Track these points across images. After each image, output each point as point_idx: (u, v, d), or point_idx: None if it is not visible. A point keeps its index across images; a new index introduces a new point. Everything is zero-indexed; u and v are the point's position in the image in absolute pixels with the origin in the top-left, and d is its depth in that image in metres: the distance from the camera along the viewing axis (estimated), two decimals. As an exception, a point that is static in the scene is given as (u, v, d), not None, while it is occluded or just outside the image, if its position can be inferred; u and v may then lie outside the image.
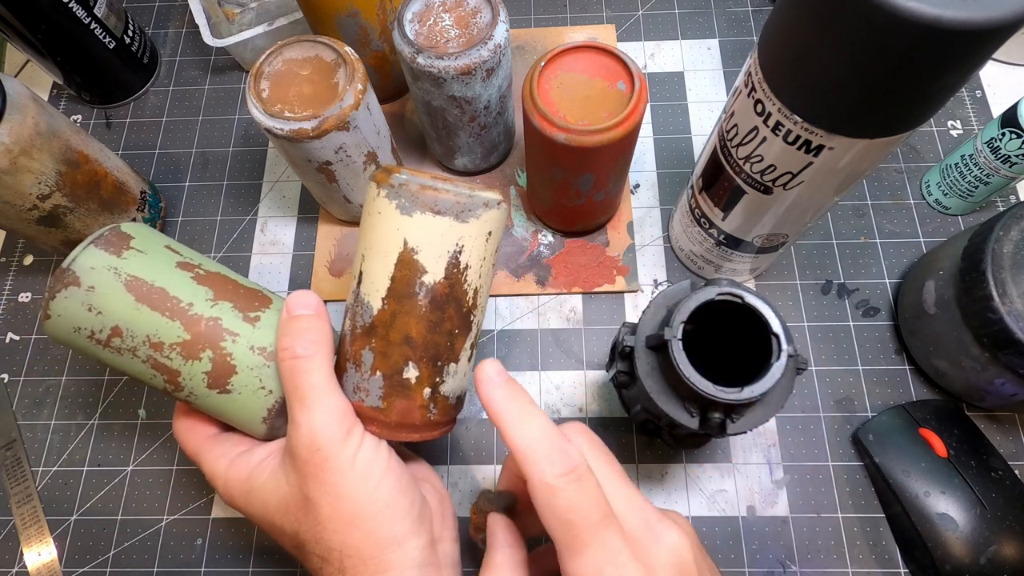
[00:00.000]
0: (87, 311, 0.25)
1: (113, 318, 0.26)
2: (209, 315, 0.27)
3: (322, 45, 0.34)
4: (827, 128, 0.24)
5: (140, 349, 0.26)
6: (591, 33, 0.49)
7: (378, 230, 0.26)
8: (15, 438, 0.40)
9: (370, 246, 0.26)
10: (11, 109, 0.33)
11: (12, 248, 0.45)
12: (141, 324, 0.26)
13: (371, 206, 0.26)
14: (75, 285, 0.25)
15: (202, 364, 0.26)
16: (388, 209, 0.26)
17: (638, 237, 0.43)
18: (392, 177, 0.26)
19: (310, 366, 0.26)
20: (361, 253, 0.27)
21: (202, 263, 0.29)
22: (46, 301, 0.25)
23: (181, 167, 0.47)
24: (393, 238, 0.26)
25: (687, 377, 0.25)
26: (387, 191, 0.26)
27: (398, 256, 0.26)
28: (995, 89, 0.45)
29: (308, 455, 0.25)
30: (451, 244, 0.26)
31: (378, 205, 0.26)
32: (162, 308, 0.26)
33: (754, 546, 0.35)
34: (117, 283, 0.26)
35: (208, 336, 0.27)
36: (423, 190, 0.25)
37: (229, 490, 0.27)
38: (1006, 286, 0.30)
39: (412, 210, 0.25)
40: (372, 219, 0.26)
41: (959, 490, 0.32)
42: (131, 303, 0.26)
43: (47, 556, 0.37)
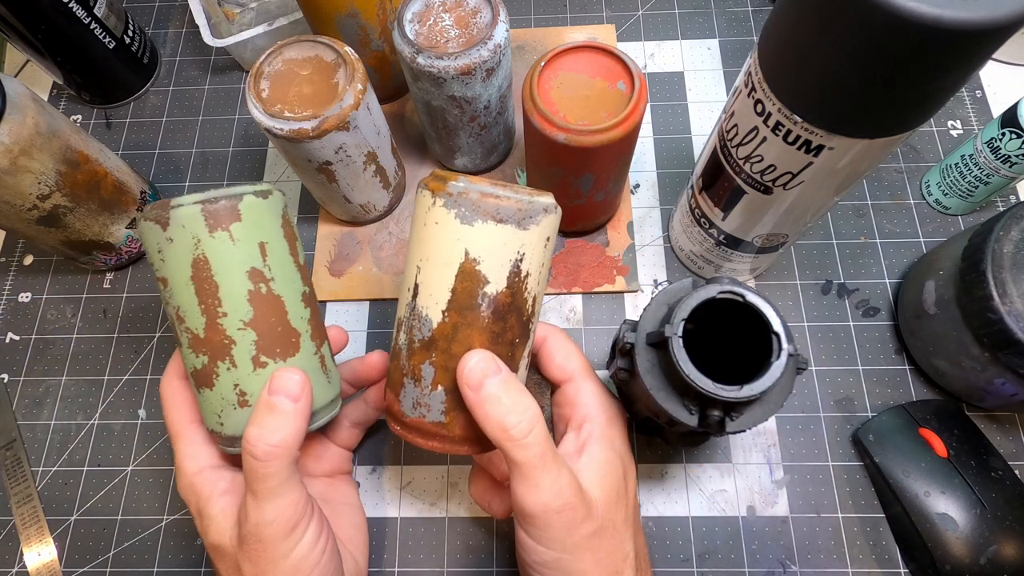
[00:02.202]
0: (156, 250, 0.25)
1: (167, 272, 0.25)
2: (230, 335, 0.25)
3: (322, 45, 0.34)
4: (827, 128, 0.24)
5: (170, 306, 0.26)
6: (591, 33, 0.49)
7: (436, 241, 0.25)
8: (15, 438, 0.40)
9: (427, 257, 0.25)
10: (11, 109, 0.33)
11: (12, 248, 0.45)
12: (180, 295, 0.25)
13: (425, 216, 0.25)
14: (160, 225, 0.25)
15: (197, 360, 0.26)
16: (446, 219, 0.24)
17: (638, 237, 0.43)
18: (448, 185, 0.24)
19: (267, 470, 0.24)
20: (416, 264, 0.26)
21: (275, 278, 0.26)
22: (144, 214, 0.26)
23: (181, 167, 0.47)
24: (453, 249, 0.24)
25: (687, 374, 0.25)
26: (444, 200, 0.24)
27: (459, 267, 0.24)
28: (995, 89, 0.45)
29: (250, 541, 0.24)
30: (513, 252, 0.25)
31: (434, 215, 0.25)
32: (202, 299, 0.25)
33: (754, 546, 0.35)
34: (187, 253, 0.25)
35: (215, 348, 0.26)
36: (484, 198, 0.24)
37: (185, 493, 0.27)
38: (1006, 286, 0.30)
39: (473, 219, 0.24)
40: (428, 230, 0.25)
41: (959, 490, 0.32)
42: (185, 276, 0.25)
43: (47, 556, 0.37)
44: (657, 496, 0.37)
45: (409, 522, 0.37)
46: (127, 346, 0.42)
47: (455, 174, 0.25)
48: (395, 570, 0.36)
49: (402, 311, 0.27)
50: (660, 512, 0.36)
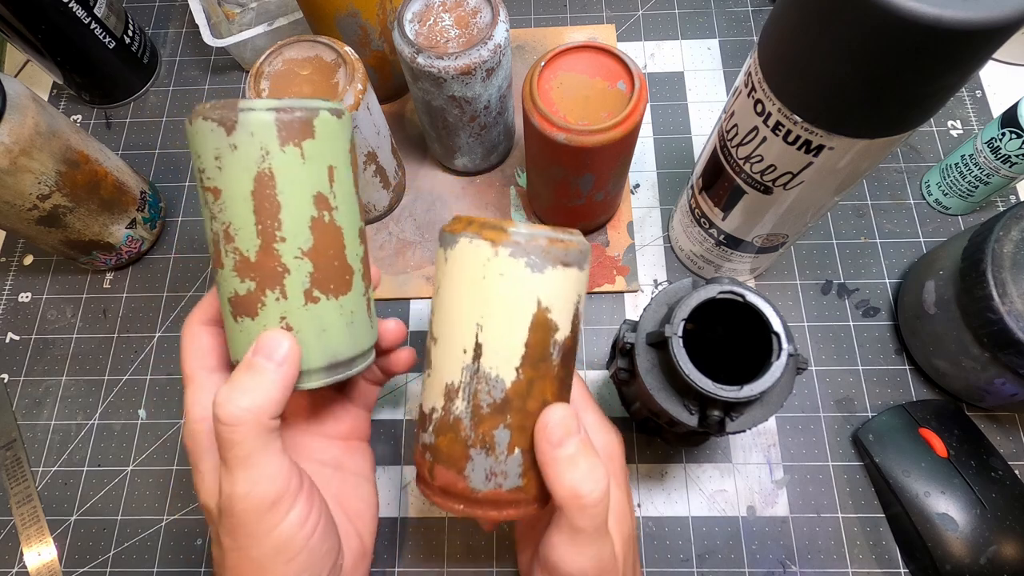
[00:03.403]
0: (213, 156, 0.22)
1: (222, 183, 0.23)
2: (285, 262, 0.23)
3: (322, 45, 0.34)
4: (827, 128, 0.24)
5: (216, 221, 0.23)
6: (591, 33, 0.49)
7: (503, 293, 0.22)
8: (15, 438, 0.40)
9: (491, 313, 0.22)
10: (11, 109, 0.33)
11: (12, 248, 0.45)
12: (235, 210, 0.23)
13: (485, 268, 0.22)
14: (224, 128, 0.22)
15: (241, 285, 0.23)
16: (515, 269, 0.22)
17: (638, 237, 0.43)
18: (512, 233, 0.22)
19: (234, 436, 0.22)
20: (473, 323, 0.23)
21: (338, 207, 0.24)
22: (203, 111, 0.22)
23: (181, 167, 0.47)
24: (525, 300, 0.22)
25: (687, 374, 0.25)
26: (511, 250, 0.22)
27: (533, 319, 0.23)
28: (995, 89, 0.45)
29: (225, 514, 0.23)
30: (575, 295, 0.24)
31: (499, 266, 0.22)
32: (260, 218, 0.23)
33: (754, 546, 0.35)
34: (253, 164, 0.22)
35: (265, 275, 0.23)
36: (552, 244, 0.22)
37: (187, 441, 0.25)
38: (1006, 286, 0.30)
39: (544, 266, 0.22)
40: (491, 283, 0.22)
41: (959, 490, 0.32)
42: (245, 190, 0.22)
43: (47, 556, 0.37)
44: (657, 496, 0.37)
45: (409, 522, 0.37)
46: (127, 346, 0.42)
47: (506, 221, 0.23)
48: (395, 570, 0.36)
49: (455, 376, 0.23)
50: (660, 512, 0.36)
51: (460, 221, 0.24)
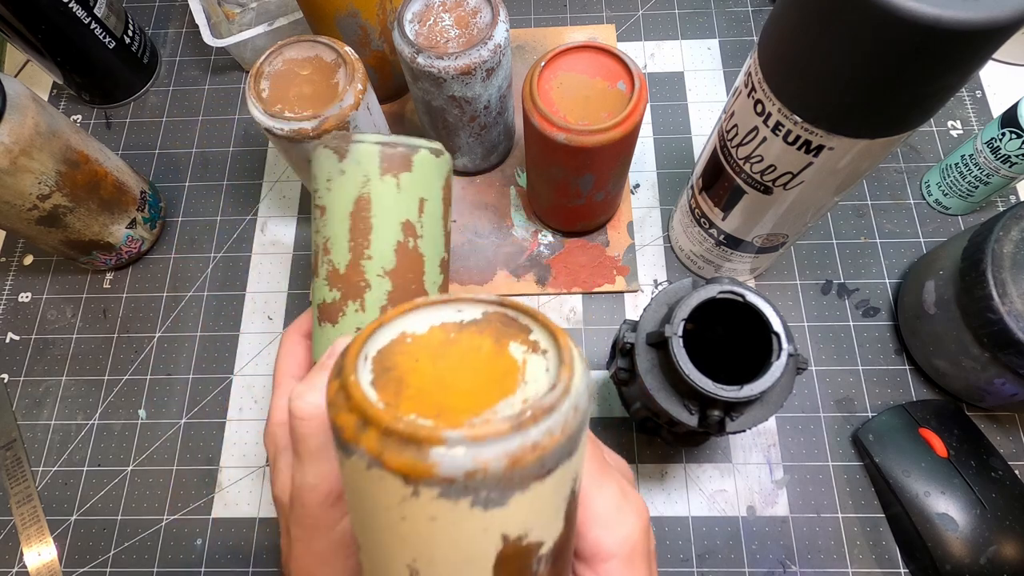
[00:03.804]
0: (325, 178, 0.25)
1: (329, 202, 0.25)
2: (368, 278, 0.25)
3: (322, 45, 0.34)
4: (827, 128, 0.24)
5: (320, 235, 0.26)
6: (591, 33, 0.49)
7: (441, 539, 0.15)
8: (15, 438, 0.40)
9: (431, 559, 0.15)
10: (11, 109, 0.33)
11: (12, 248, 0.45)
12: (335, 227, 0.25)
13: (400, 509, 0.14)
14: (338, 155, 0.25)
15: (329, 294, 0.26)
16: (451, 511, 0.14)
17: (638, 237, 0.43)
18: (435, 463, 0.13)
19: (307, 429, 0.23)
20: (405, 565, 0.15)
21: (423, 236, 0.26)
22: (324, 141, 0.25)
23: (181, 167, 0.47)
24: (480, 543, 0.15)
25: (687, 374, 0.25)
26: (439, 489, 0.13)
27: (497, 557, 0.15)
28: (995, 89, 0.45)
29: (295, 504, 0.23)
30: (568, 488, 0.17)
31: (424, 509, 0.14)
32: (353, 236, 0.25)
33: (754, 546, 0.35)
34: (355, 188, 0.25)
35: (350, 287, 0.25)
36: (516, 463, 0.13)
37: (266, 441, 0.26)
38: (1006, 286, 0.30)
39: (508, 495, 0.14)
40: (417, 527, 0.14)
41: (959, 490, 0.32)
42: (346, 210, 0.25)
43: (47, 556, 0.37)
44: (657, 496, 0.37)
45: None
46: (127, 346, 0.42)
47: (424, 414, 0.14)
48: None
49: None
50: (660, 512, 0.36)
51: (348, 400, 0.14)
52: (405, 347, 0.16)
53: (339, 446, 0.15)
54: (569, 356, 0.15)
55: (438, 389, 0.15)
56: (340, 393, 0.14)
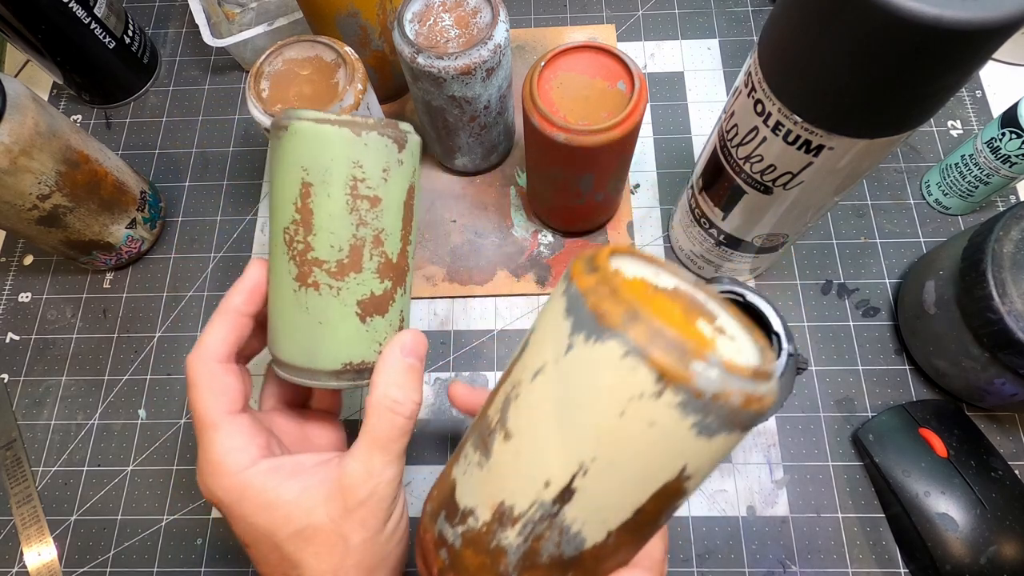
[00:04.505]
0: (381, 168, 0.24)
1: (384, 192, 0.24)
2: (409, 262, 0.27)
3: (322, 45, 0.34)
4: (827, 128, 0.24)
5: (368, 227, 0.24)
6: (591, 33, 0.49)
7: (641, 449, 0.16)
8: (15, 438, 0.40)
9: (609, 463, 0.16)
10: (11, 109, 0.33)
11: (12, 248, 0.45)
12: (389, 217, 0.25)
13: (629, 405, 0.15)
14: (397, 145, 0.24)
15: (379, 286, 0.25)
16: (675, 426, 0.15)
17: (638, 237, 0.43)
18: (696, 375, 0.15)
19: (408, 427, 0.24)
20: (577, 460, 0.16)
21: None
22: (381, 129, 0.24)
23: (181, 167, 0.47)
24: (666, 465, 0.16)
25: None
26: (684, 399, 0.15)
27: (662, 487, 0.16)
28: (995, 89, 0.45)
29: (370, 502, 0.24)
30: (729, 453, 0.18)
31: (652, 413, 0.15)
32: (404, 224, 0.26)
33: (754, 546, 0.35)
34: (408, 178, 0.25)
35: (399, 274, 0.26)
36: (748, 404, 0.15)
37: (223, 494, 0.24)
38: (1006, 286, 0.30)
39: (718, 432, 0.15)
40: (628, 427, 0.15)
41: (959, 490, 0.32)
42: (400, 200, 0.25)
43: (47, 556, 0.37)
44: (657, 496, 0.36)
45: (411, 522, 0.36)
46: (127, 346, 0.42)
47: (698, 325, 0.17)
48: (395, 570, 0.36)
49: (521, 503, 0.18)
50: (660, 512, 0.36)
51: (614, 293, 0.16)
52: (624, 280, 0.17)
53: (587, 329, 0.15)
54: (774, 349, 0.17)
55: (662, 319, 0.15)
56: (603, 286, 0.16)
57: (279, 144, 0.24)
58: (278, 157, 0.24)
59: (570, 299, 0.16)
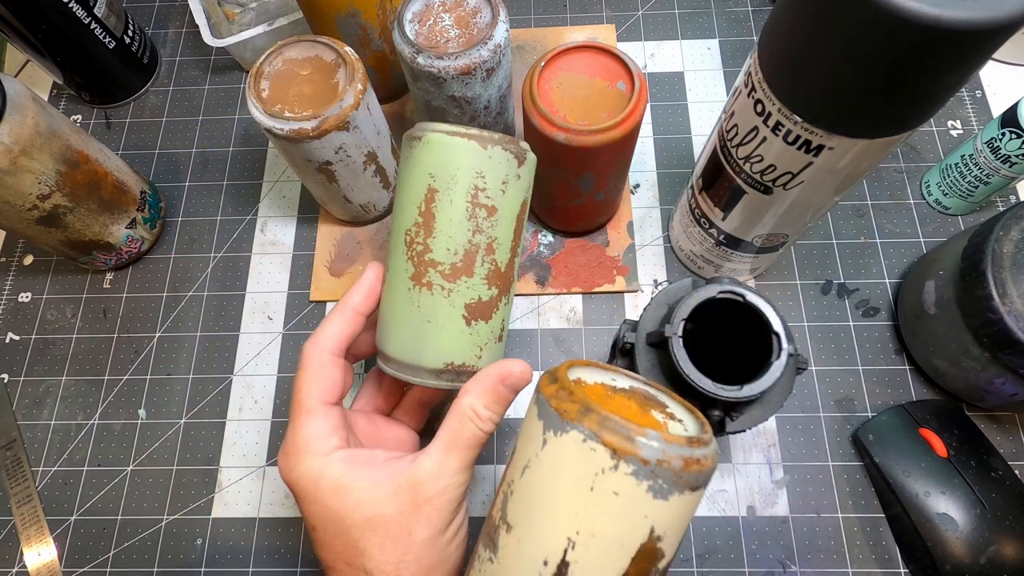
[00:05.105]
0: (501, 181, 0.26)
1: (501, 203, 0.26)
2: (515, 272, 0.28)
3: (322, 45, 0.34)
4: (827, 128, 0.24)
5: (483, 234, 0.26)
6: (591, 33, 0.49)
7: (612, 516, 0.19)
8: (15, 438, 0.40)
9: (590, 533, 0.19)
10: (11, 109, 0.33)
11: (12, 248, 0.45)
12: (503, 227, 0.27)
13: (595, 480, 0.19)
14: (517, 160, 0.26)
15: (487, 292, 0.27)
16: (634, 491, 0.18)
17: (638, 237, 0.43)
18: (640, 446, 0.18)
19: (480, 435, 0.25)
20: (566, 536, 0.19)
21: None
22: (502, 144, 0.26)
23: (181, 167, 0.47)
24: (637, 528, 0.19)
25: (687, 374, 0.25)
26: (635, 468, 0.18)
27: (639, 549, 0.19)
28: (995, 89, 0.45)
29: (437, 501, 0.24)
30: (691, 516, 0.21)
31: (614, 484, 0.18)
32: (515, 235, 0.27)
33: (754, 546, 0.35)
34: (523, 192, 0.27)
35: (505, 283, 0.27)
36: (688, 466, 0.18)
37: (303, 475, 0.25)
38: (1006, 286, 0.30)
39: (670, 492, 0.19)
40: (598, 499, 0.19)
41: (959, 490, 0.32)
42: (515, 211, 0.27)
43: (47, 556, 0.37)
44: (657, 496, 0.36)
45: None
46: (127, 346, 0.42)
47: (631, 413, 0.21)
48: None
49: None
50: (660, 512, 0.36)
51: (571, 395, 0.20)
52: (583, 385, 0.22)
53: (554, 427, 0.19)
54: (708, 425, 0.21)
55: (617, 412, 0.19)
56: (562, 391, 0.20)
57: (411, 153, 0.26)
58: (409, 165, 0.26)
59: (539, 405, 0.20)
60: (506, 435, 0.38)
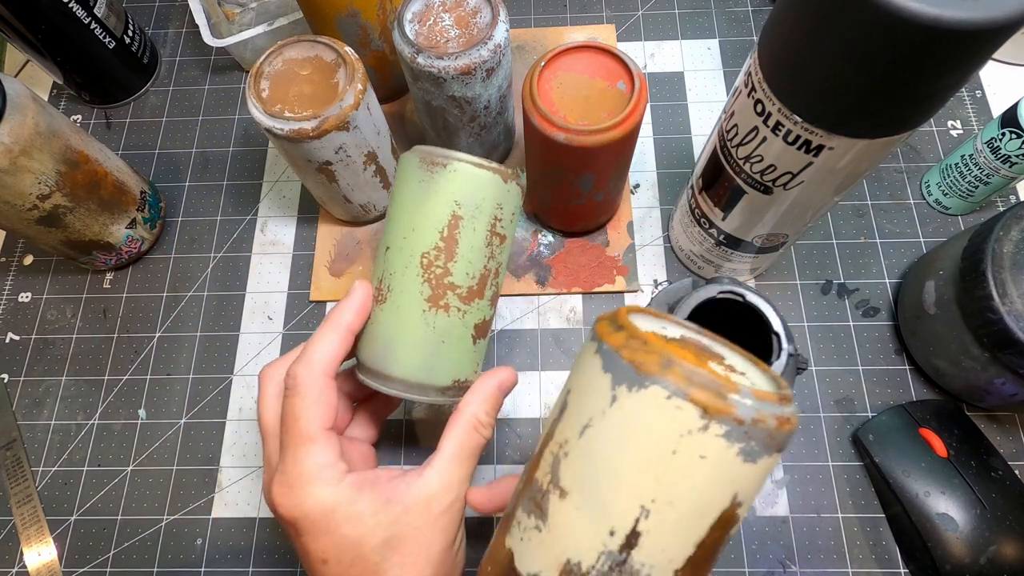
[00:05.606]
0: (511, 211, 0.28)
1: (508, 233, 0.28)
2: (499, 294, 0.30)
3: (322, 45, 0.34)
4: (827, 128, 0.24)
5: (494, 260, 0.28)
6: (591, 33, 0.49)
7: (696, 483, 0.16)
8: (15, 438, 0.40)
9: (669, 501, 0.17)
10: (11, 109, 0.33)
11: (12, 248, 0.45)
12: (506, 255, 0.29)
13: (680, 442, 0.16)
14: (522, 194, 0.28)
15: (490, 312, 0.29)
16: (723, 455, 0.16)
17: (638, 237, 0.43)
18: (734, 404, 0.16)
19: (482, 442, 0.26)
20: (639, 504, 0.17)
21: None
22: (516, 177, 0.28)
23: (181, 167, 0.47)
24: (720, 494, 0.17)
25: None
26: (728, 429, 0.16)
27: (719, 516, 0.17)
28: (995, 89, 0.45)
29: (426, 503, 0.24)
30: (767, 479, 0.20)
31: (702, 446, 0.16)
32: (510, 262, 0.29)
33: (754, 546, 0.35)
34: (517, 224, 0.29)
35: (496, 305, 0.29)
36: (781, 426, 0.16)
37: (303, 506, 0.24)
38: (1006, 286, 0.30)
39: (760, 455, 0.17)
40: (682, 464, 0.16)
41: (959, 490, 0.32)
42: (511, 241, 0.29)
43: (47, 556, 0.37)
44: (657, 496, 0.36)
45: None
46: (127, 346, 0.42)
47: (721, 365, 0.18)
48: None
49: (586, 557, 0.18)
50: (660, 512, 0.36)
51: (646, 345, 0.17)
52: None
53: (627, 381, 0.17)
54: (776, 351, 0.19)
55: None
56: (634, 340, 0.17)
57: (432, 177, 0.26)
58: (430, 189, 0.27)
59: (605, 356, 0.18)
60: (506, 434, 0.38)
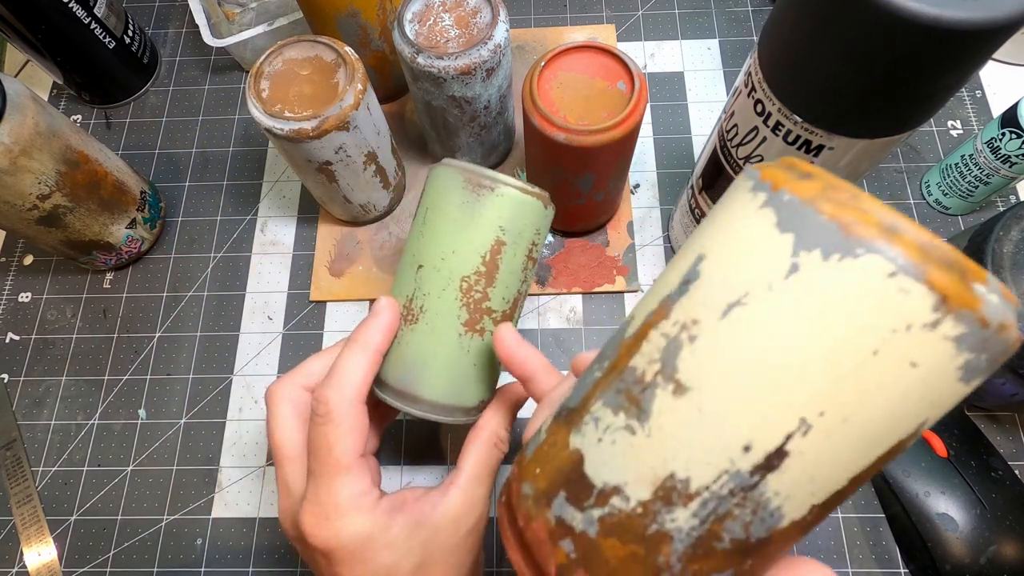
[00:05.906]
0: (535, 231, 0.27)
1: (537, 255, 0.28)
2: None
3: (322, 45, 0.34)
4: (827, 128, 0.24)
5: (525, 284, 0.28)
6: (591, 33, 0.49)
7: (891, 398, 0.12)
8: (15, 438, 0.40)
9: (847, 417, 0.13)
10: (11, 109, 0.33)
11: (12, 248, 0.45)
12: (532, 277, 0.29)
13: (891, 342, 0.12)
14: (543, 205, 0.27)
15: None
16: (942, 365, 0.12)
17: (638, 237, 0.43)
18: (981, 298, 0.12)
19: (501, 458, 0.26)
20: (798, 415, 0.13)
21: None
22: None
23: (181, 167, 0.47)
24: (911, 417, 0.13)
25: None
26: (964, 329, 0.12)
27: (895, 444, 0.13)
28: (995, 89, 0.45)
29: (454, 524, 0.25)
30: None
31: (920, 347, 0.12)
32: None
33: (754, 546, 0.35)
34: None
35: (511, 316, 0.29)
36: (1018, 342, 0.12)
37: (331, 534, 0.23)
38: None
39: (981, 374, 0.13)
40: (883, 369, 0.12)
41: (959, 490, 0.32)
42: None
43: (47, 556, 0.37)
44: (657, 496, 0.36)
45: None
46: (127, 346, 0.42)
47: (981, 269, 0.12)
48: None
49: (703, 476, 0.14)
50: (660, 512, 0.36)
51: (856, 199, 0.12)
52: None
53: (823, 244, 0.12)
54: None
55: None
56: (836, 191, 0.13)
57: (478, 200, 0.26)
58: (476, 212, 0.26)
59: (784, 210, 0.13)
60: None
